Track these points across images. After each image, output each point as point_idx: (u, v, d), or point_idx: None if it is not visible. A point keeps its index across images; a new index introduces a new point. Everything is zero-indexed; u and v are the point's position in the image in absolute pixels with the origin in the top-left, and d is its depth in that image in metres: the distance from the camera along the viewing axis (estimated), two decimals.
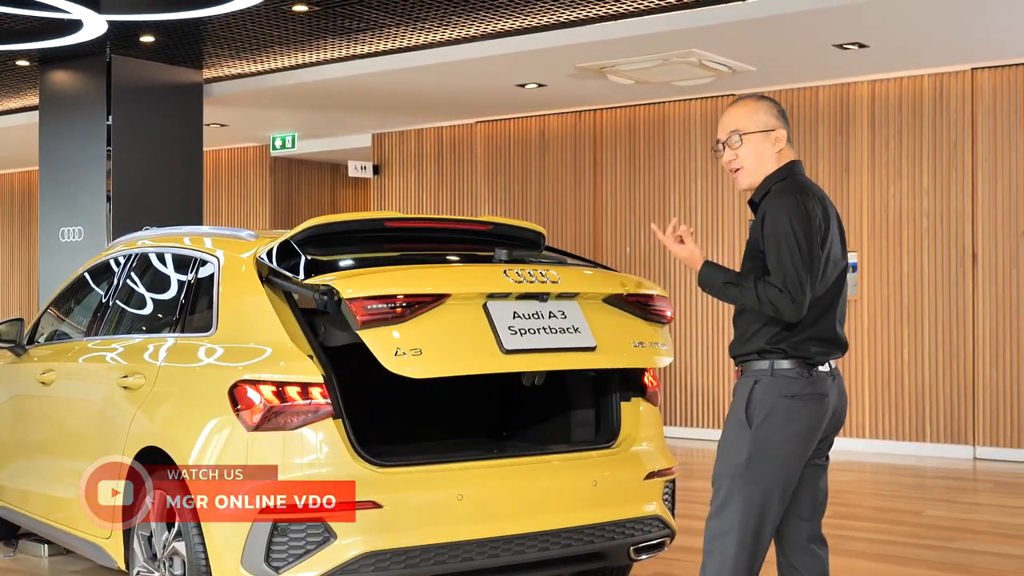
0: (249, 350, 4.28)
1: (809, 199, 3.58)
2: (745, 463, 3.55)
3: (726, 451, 3.62)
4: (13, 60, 10.68)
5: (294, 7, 8.77)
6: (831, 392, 3.63)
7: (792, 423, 3.54)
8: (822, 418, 3.60)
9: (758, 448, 3.53)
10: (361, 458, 4.03)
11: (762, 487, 3.54)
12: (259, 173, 14.86)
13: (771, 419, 3.54)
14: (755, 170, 3.69)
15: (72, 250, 10.60)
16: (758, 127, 3.68)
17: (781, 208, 3.54)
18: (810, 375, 3.57)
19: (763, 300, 3.50)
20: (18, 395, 6.01)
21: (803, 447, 3.59)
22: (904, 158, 10.24)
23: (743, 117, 3.70)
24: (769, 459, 3.54)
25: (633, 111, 11.74)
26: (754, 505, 3.54)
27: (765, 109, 3.71)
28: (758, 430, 3.54)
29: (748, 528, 3.54)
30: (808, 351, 3.56)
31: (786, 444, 3.54)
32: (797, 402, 3.54)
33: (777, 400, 3.54)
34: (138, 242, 5.65)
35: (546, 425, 5.11)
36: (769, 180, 3.68)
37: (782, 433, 3.54)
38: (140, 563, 4.52)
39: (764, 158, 3.69)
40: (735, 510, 3.55)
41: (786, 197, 3.57)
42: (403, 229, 5.03)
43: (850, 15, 8.35)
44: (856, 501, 8.03)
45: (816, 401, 3.57)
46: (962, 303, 9.95)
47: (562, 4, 8.65)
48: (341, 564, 3.91)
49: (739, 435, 3.58)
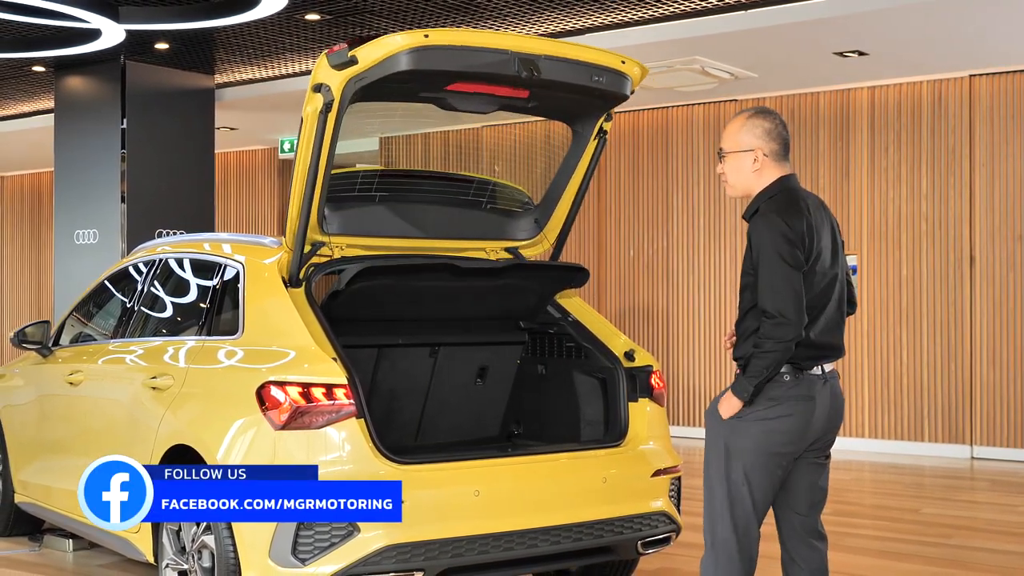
0: (274, 352, 4.46)
1: (793, 215, 3.75)
2: (724, 451, 3.76)
3: (709, 440, 3.86)
4: (29, 66, 10.88)
5: (306, 16, 8.96)
6: (821, 394, 3.80)
7: (771, 419, 3.73)
8: (808, 419, 3.77)
9: (735, 437, 3.74)
10: (383, 456, 4.22)
11: (739, 475, 3.74)
12: (267, 176, 15.04)
13: (750, 411, 3.73)
14: (736, 184, 3.93)
15: (87, 252, 10.80)
16: (738, 147, 3.89)
17: (764, 231, 3.73)
18: (798, 377, 3.75)
19: (769, 349, 3.65)
20: (45, 395, 6.20)
21: (785, 444, 3.76)
22: (903, 163, 10.41)
23: (728, 136, 3.93)
24: (744, 447, 3.74)
25: (637, 116, 11.91)
26: (734, 491, 3.75)
27: (749, 129, 3.89)
28: (736, 419, 3.75)
29: (727, 516, 3.76)
30: (797, 355, 3.74)
31: (762, 435, 3.73)
32: (778, 402, 3.73)
33: (762, 400, 3.73)
34: (158, 249, 5.84)
35: (556, 425, 5.30)
36: (760, 197, 3.88)
37: (759, 424, 3.73)
38: (169, 556, 4.70)
39: (743, 175, 3.90)
40: (720, 499, 3.78)
41: (769, 218, 3.75)
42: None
43: (850, 25, 8.53)
44: (856, 499, 8.20)
45: (801, 402, 3.75)
46: (960, 305, 10.12)
47: (568, 13, 8.84)
48: (365, 556, 4.09)
49: (720, 424, 3.79)
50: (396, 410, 5.24)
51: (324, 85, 4.33)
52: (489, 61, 4.43)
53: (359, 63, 4.27)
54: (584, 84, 4.65)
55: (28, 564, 6.09)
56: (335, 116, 4.35)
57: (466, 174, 5.69)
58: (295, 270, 4.62)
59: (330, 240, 4.77)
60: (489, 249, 5.28)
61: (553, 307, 5.34)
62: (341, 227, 4.82)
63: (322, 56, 4.36)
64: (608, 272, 12.09)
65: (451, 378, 5.34)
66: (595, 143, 5.08)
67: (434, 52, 4.31)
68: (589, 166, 5.14)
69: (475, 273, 4.95)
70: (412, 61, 4.27)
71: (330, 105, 4.32)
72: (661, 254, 11.75)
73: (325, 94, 4.32)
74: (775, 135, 3.89)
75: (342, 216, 4.83)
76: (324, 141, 4.38)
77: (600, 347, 5.10)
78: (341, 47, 4.29)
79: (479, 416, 5.52)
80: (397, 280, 4.84)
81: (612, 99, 4.85)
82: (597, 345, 5.12)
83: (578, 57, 4.62)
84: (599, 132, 5.05)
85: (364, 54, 4.27)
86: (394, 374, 5.19)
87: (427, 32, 4.31)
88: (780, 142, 3.89)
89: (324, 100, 4.32)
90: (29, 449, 6.25)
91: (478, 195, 5.29)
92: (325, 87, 4.33)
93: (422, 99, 4.71)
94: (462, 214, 5.24)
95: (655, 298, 11.81)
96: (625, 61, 4.73)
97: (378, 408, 5.08)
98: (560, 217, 5.34)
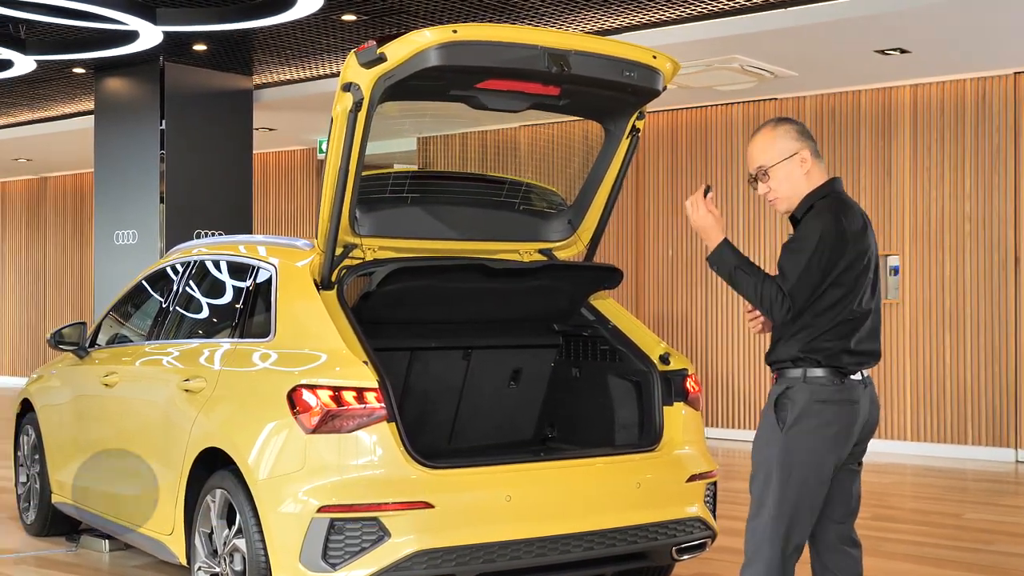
0: (306, 356, 4.45)
1: (850, 215, 3.70)
2: (777, 465, 3.66)
3: (759, 453, 3.75)
4: (69, 68, 10.97)
5: (343, 17, 8.97)
6: (862, 399, 3.73)
7: (823, 426, 3.65)
8: (853, 423, 3.71)
9: (789, 450, 3.64)
10: (414, 460, 4.19)
11: (794, 489, 3.65)
12: (306, 176, 15.09)
13: (802, 421, 3.64)
14: (790, 196, 3.80)
15: (126, 253, 10.88)
16: (780, 156, 3.78)
17: (819, 222, 3.66)
18: (842, 382, 3.68)
19: (762, 295, 3.63)
20: (81, 396, 6.23)
21: (835, 451, 3.69)
22: (947, 162, 10.27)
23: (764, 151, 3.80)
24: (799, 461, 3.65)
25: (675, 115, 11.83)
26: (787, 506, 3.65)
27: (782, 135, 3.80)
28: (789, 432, 3.65)
29: (780, 530, 3.65)
30: (841, 361, 3.67)
31: (816, 447, 3.65)
32: (828, 406, 3.65)
33: (809, 403, 3.65)
34: (194, 250, 5.85)
35: (590, 429, 5.25)
36: (812, 196, 3.78)
37: (813, 435, 3.64)
38: (201, 559, 4.71)
39: (795, 182, 3.79)
40: (769, 512, 3.66)
41: (827, 214, 3.67)
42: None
43: (891, 22, 8.42)
44: (897, 503, 8.09)
45: (847, 407, 3.68)
46: (1004, 306, 9.97)
47: (605, 12, 8.79)
48: (395, 561, 4.07)
49: (771, 437, 3.69)
50: (429, 413, 5.22)
51: (353, 84, 4.30)
52: (519, 56, 4.38)
53: (388, 61, 4.24)
54: (615, 80, 4.59)
55: (64, 564, 6.12)
56: (365, 115, 4.32)
57: (498, 175, 5.65)
58: (327, 272, 4.60)
59: (362, 242, 4.75)
60: (522, 251, 5.24)
61: (587, 309, 5.30)
62: (373, 229, 4.79)
63: (351, 55, 4.33)
64: (647, 274, 12.02)
65: (484, 381, 5.31)
66: (628, 142, 5.02)
67: (463, 48, 4.27)
68: (622, 166, 5.09)
69: (507, 274, 4.91)
70: (441, 57, 4.23)
71: (360, 104, 4.29)
72: (700, 255, 11.66)
73: (355, 93, 4.29)
74: (807, 134, 3.83)
75: (374, 218, 4.80)
76: (355, 141, 4.35)
77: (635, 350, 5.04)
78: (370, 45, 4.26)
79: (513, 419, 5.48)
80: (429, 282, 4.81)
81: (644, 95, 4.79)
82: (632, 348, 5.06)
83: (609, 52, 4.57)
84: (632, 131, 4.99)
85: (393, 51, 4.23)
86: (427, 377, 5.16)
87: (456, 28, 4.27)
88: (813, 140, 3.85)
89: (354, 99, 4.29)
90: (66, 450, 6.29)
91: (511, 196, 5.25)
92: (355, 86, 4.30)
93: (453, 97, 4.67)
94: (495, 215, 5.20)
95: (695, 299, 11.73)
96: (657, 56, 4.67)
97: (411, 411, 5.06)
98: (594, 218, 5.28)
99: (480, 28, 4.42)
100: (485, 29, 4.43)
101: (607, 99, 4.82)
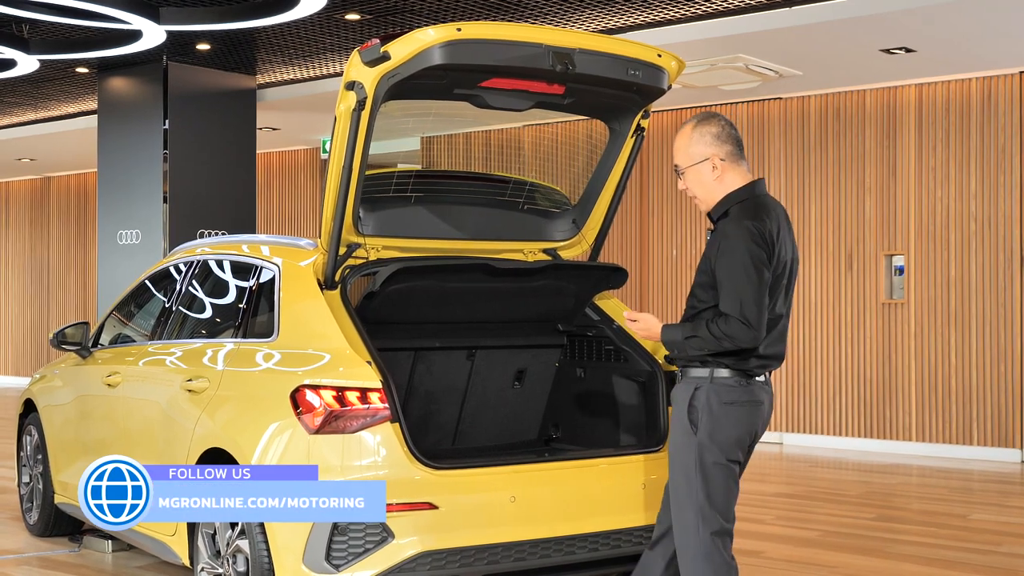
0: (309, 356, 4.43)
1: (766, 221, 3.74)
2: (695, 467, 3.75)
3: (675, 457, 3.83)
4: (72, 68, 10.96)
5: (347, 16, 8.95)
6: (765, 400, 3.84)
7: (734, 428, 3.76)
8: (757, 423, 3.82)
9: (704, 452, 3.74)
10: (418, 460, 4.17)
11: (712, 486, 3.75)
12: (309, 176, 15.08)
13: (712, 424, 3.74)
14: (705, 197, 3.89)
15: (130, 252, 10.87)
16: (692, 160, 3.88)
17: (738, 236, 3.70)
18: (747, 384, 3.77)
19: (720, 337, 3.68)
20: (84, 396, 6.22)
21: (742, 448, 3.81)
22: (952, 162, 10.24)
23: (679, 152, 3.91)
24: (713, 462, 3.75)
25: (680, 114, 11.80)
26: (707, 503, 3.74)
27: (696, 139, 3.87)
28: (701, 435, 3.75)
29: (708, 524, 3.74)
30: (748, 364, 3.76)
31: (729, 447, 3.76)
32: (734, 408, 3.75)
33: (719, 406, 3.74)
34: (197, 250, 5.83)
35: (595, 429, 5.23)
36: (729, 199, 3.84)
37: (725, 437, 3.75)
38: (204, 560, 4.68)
39: (708, 186, 3.88)
40: (694, 511, 3.76)
41: (744, 223, 3.72)
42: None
43: (896, 21, 8.39)
44: (903, 504, 8.07)
45: (753, 407, 3.78)
46: (1009, 306, 9.94)
47: (610, 10, 8.76)
48: (399, 563, 4.06)
49: (686, 442, 3.78)
50: (433, 413, 5.20)
51: (357, 83, 4.27)
52: (523, 55, 4.35)
53: (392, 59, 4.22)
54: (620, 78, 4.57)
55: (68, 565, 6.11)
56: (368, 114, 4.29)
57: (502, 174, 5.63)
58: (330, 272, 4.58)
59: (365, 241, 4.72)
60: (526, 250, 5.22)
61: (591, 309, 5.27)
62: (376, 228, 4.77)
63: (354, 53, 4.30)
64: (651, 274, 12.00)
65: (488, 381, 5.29)
66: (632, 141, 5.00)
67: (467, 46, 4.25)
68: (627, 165, 5.06)
69: (511, 274, 4.89)
70: (445, 55, 4.21)
71: (363, 103, 4.27)
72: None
73: (358, 91, 4.27)
74: (725, 137, 3.87)
75: (377, 217, 4.78)
76: (358, 140, 4.33)
77: (639, 350, 5.02)
78: (373, 43, 4.23)
79: (517, 420, 5.46)
80: (432, 281, 4.79)
81: (648, 94, 4.76)
82: (636, 348, 5.04)
83: (613, 50, 4.55)
84: (636, 130, 4.97)
85: (396, 49, 4.21)
86: (431, 377, 5.14)
87: (460, 26, 4.24)
88: (733, 143, 3.87)
89: (357, 98, 4.27)
90: (69, 451, 6.28)
91: (515, 196, 5.22)
92: (358, 84, 4.27)
93: (457, 96, 4.65)
94: (499, 215, 5.17)
95: None
96: (661, 54, 4.65)
97: (415, 412, 5.04)
98: (598, 217, 5.26)
99: (484, 26, 4.40)
100: (489, 27, 4.41)
101: (612, 98, 4.80)
